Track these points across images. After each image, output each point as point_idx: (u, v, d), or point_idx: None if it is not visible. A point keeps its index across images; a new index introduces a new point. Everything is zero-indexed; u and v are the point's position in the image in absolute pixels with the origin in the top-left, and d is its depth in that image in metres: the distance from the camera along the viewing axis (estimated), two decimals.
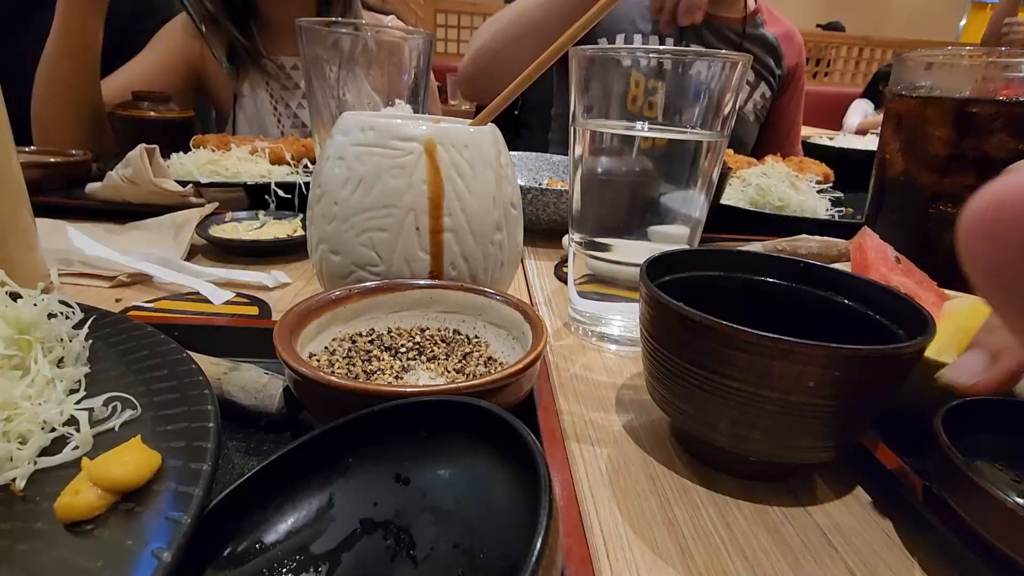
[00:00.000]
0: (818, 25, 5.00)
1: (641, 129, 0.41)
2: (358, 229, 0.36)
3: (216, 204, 0.64)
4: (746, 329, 0.24)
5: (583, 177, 0.44)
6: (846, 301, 0.32)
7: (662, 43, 1.10)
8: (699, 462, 0.31)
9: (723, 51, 0.37)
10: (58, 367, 0.27)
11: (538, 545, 0.15)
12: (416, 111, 0.60)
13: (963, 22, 8.02)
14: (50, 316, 0.28)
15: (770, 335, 0.23)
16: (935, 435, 0.25)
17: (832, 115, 3.50)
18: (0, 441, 0.22)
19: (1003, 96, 0.39)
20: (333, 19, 0.51)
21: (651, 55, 0.38)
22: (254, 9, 1.02)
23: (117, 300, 0.46)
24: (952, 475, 0.23)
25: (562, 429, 0.33)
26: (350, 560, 0.20)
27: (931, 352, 0.32)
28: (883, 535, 0.27)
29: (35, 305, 0.27)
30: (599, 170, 0.44)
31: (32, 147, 0.77)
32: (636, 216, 0.44)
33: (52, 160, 0.73)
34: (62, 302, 0.29)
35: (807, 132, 1.50)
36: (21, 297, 0.27)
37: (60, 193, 0.71)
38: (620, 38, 1.10)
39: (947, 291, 0.40)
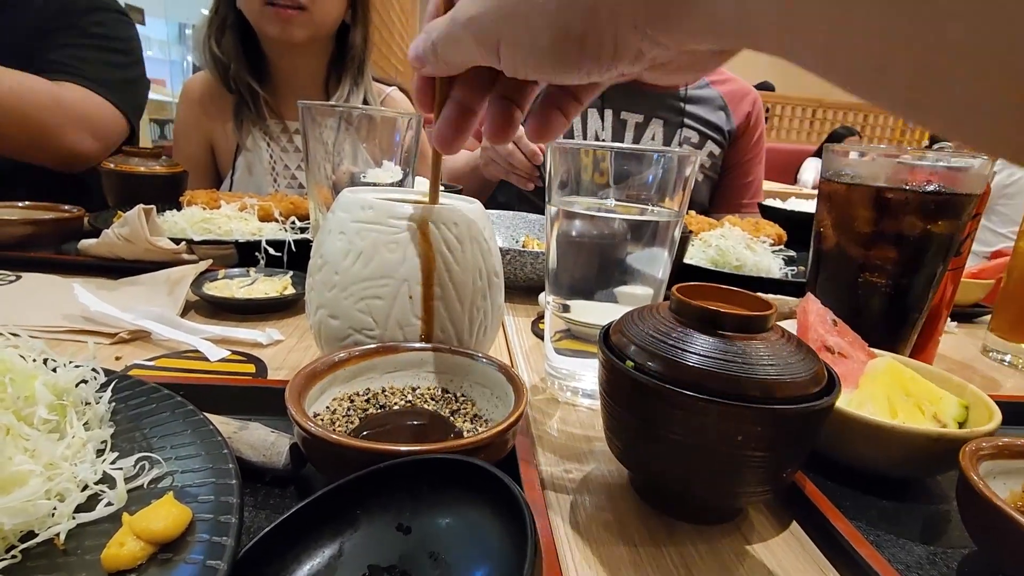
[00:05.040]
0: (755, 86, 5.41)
1: (608, 204, 0.47)
2: (356, 297, 0.40)
3: (211, 261, 0.67)
4: (684, 392, 0.29)
5: (559, 244, 0.49)
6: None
7: (601, 117, 1.20)
8: (655, 508, 0.35)
9: (675, 149, 0.43)
10: (86, 429, 0.29)
11: None
12: (406, 173, 0.65)
13: None
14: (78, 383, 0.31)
15: (702, 396, 0.28)
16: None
17: (786, 170, 3.78)
18: (43, 499, 0.24)
19: (910, 185, 0.46)
20: (333, 104, 0.56)
21: (610, 151, 0.45)
22: (267, 69, 1.08)
23: (117, 358, 0.48)
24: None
25: (540, 479, 0.37)
26: None
27: (852, 405, 0.37)
28: (818, 570, 0.31)
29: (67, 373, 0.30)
30: (573, 233, 0.49)
31: (25, 202, 0.79)
32: (605, 278, 0.49)
33: (44, 216, 0.75)
34: (92, 369, 0.32)
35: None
36: (57, 365, 0.30)
37: (52, 249, 0.73)
38: None
39: (874, 350, 0.45)
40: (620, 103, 1.21)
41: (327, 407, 0.36)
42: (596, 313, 0.48)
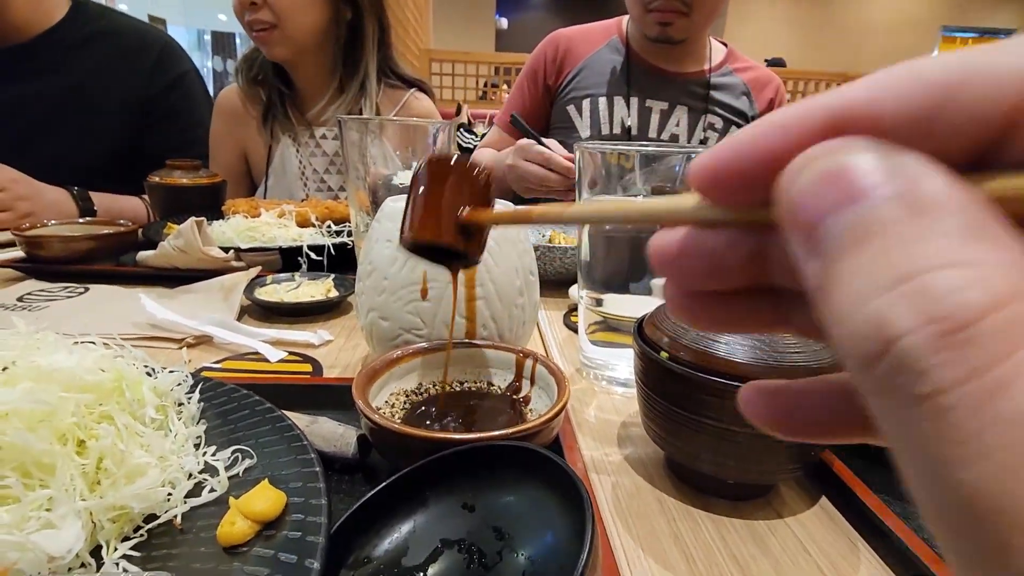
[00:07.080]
0: (766, 60, 5.34)
1: (637, 200, 0.49)
2: (405, 300, 0.43)
3: (259, 268, 0.71)
4: (715, 379, 0.31)
5: (591, 240, 0.51)
6: None
7: (627, 105, 1.21)
8: (691, 487, 0.38)
9: (698, 147, 0.46)
10: (184, 427, 0.33)
11: (586, 553, 0.22)
12: None
13: (935, 54, 8.40)
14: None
15: (733, 382, 0.31)
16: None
17: None
18: (160, 487, 0.28)
19: None
20: (368, 117, 0.59)
21: (633, 149, 0.47)
22: (289, 79, 1.14)
23: (187, 361, 0.52)
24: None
25: (584, 463, 0.40)
26: (436, 571, 0.27)
27: None
28: (847, 541, 0.34)
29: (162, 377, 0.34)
30: (604, 228, 0.51)
31: (85, 219, 0.85)
32: (637, 271, 0.51)
33: (104, 231, 0.80)
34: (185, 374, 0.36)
35: None
36: (151, 369, 0.34)
37: (112, 261, 0.78)
38: (586, 102, 1.22)
39: None
40: (645, 91, 1.22)
41: (386, 401, 0.39)
42: (629, 306, 0.51)
